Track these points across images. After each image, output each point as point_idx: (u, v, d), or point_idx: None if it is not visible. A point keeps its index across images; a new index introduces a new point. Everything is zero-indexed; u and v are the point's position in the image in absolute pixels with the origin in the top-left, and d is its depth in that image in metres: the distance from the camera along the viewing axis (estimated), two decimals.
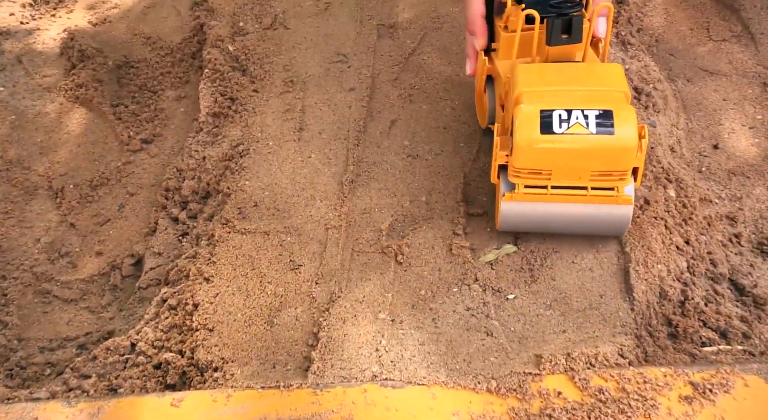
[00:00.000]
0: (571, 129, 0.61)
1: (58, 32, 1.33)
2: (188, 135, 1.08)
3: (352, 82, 1.06)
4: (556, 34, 0.68)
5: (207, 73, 1.14)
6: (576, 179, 0.65)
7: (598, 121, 0.61)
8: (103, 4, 1.43)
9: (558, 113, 0.62)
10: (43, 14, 1.42)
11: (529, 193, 0.67)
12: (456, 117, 0.97)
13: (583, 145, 0.61)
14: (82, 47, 1.24)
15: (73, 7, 1.43)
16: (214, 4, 1.28)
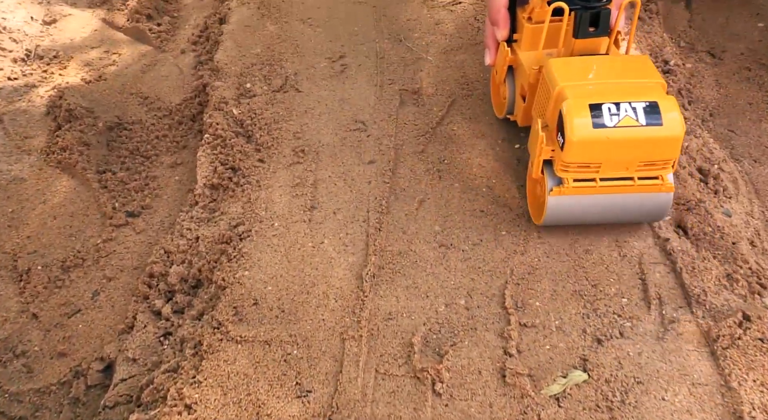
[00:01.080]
0: (622, 122, 0.61)
1: (47, 90, 1.21)
2: (181, 209, 0.93)
3: (372, 154, 0.92)
4: (584, 27, 0.68)
5: (207, 139, 1.00)
6: (623, 170, 0.65)
7: (646, 113, 0.61)
8: (100, 61, 1.31)
9: (607, 107, 0.61)
10: (34, 70, 1.30)
11: (577, 187, 0.66)
12: (495, 198, 0.82)
13: (635, 137, 0.61)
14: (70, 106, 1.11)
15: (67, 64, 1.31)
16: (219, 64, 1.15)
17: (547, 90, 0.66)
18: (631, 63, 0.68)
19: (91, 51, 1.35)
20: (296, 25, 1.25)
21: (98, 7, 1.51)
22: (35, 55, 1.36)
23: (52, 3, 1.51)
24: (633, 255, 0.73)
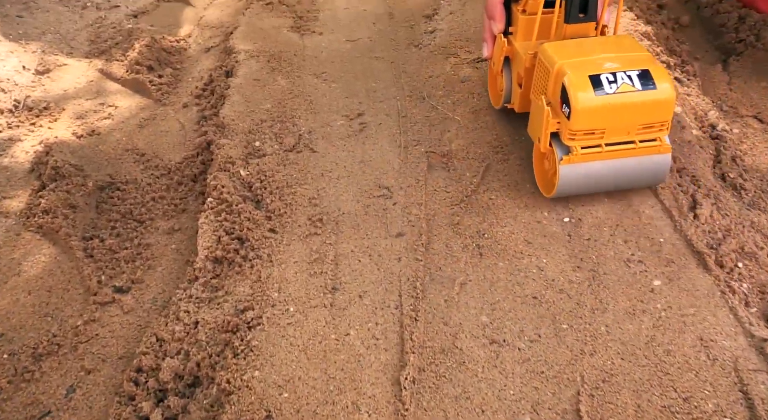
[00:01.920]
0: (620, 88, 0.66)
1: (33, 144, 1.10)
2: (178, 285, 0.80)
3: (400, 225, 0.81)
4: (575, 13, 0.75)
5: (210, 203, 0.88)
6: (625, 134, 0.70)
7: (641, 80, 0.67)
8: (94, 113, 1.21)
9: (605, 76, 0.67)
10: (21, 122, 1.19)
11: (585, 154, 0.70)
12: (548, 282, 0.70)
13: (633, 100, 0.67)
14: (57, 163, 1.00)
15: (58, 116, 1.21)
16: (225, 119, 1.06)
17: (546, 70, 0.72)
18: (618, 41, 0.74)
19: (85, 103, 1.26)
20: (309, 80, 1.17)
21: (96, 57, 1.43)
22: (24, 106, 1.26)
23: (47, 52, 1.42)
24: (725, 358, 0.61)
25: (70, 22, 1.58)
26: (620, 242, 0.74)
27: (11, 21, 1.51)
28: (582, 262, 0.71)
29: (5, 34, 1.45)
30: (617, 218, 0.77)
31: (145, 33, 1.44)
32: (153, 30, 1.51)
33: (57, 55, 1.43)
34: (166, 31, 1.50)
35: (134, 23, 1.58)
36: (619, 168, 0.73)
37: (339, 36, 1.32)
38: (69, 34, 1.53)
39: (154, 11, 1.64)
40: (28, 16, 1.55)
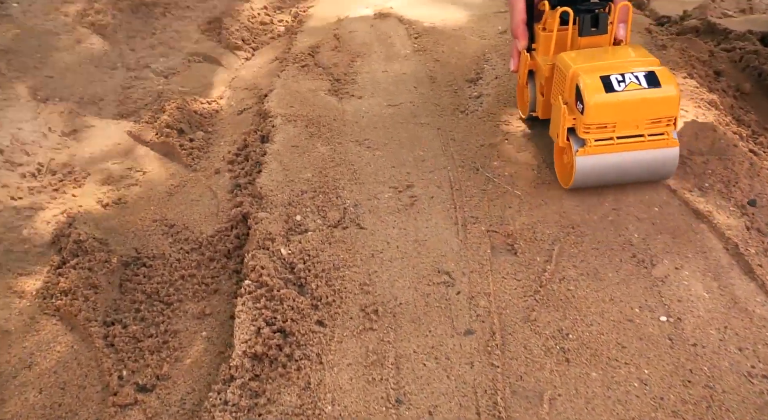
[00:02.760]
0: (628, 87, 0.76)
1: (55, 214, 1.02)
2: (211, 387, 0.70)
3: (467, 320, 0.71)
4: (587, 27, 0.85)
5: (248, 286, 0.79)
6: (634, 128, 0.78)
7: (647, 79, 0.76)
8: (121, 180, 1.15)
9: (614, 76, 0.76)
10: (44, 188, 1.12)
11: (599, 146, 0.78)
12: (657, 402, 0.59)
13: (640, 97, 0.76)
14: (80, 237, 0.92)
15: (83, 181, 1.14)
16: (262, 190, 0.98)
17: (563, 75, 0.82)
18: (628, 49, 0.84)
19: (111, 166, 1.19)
20: (352, 147, 1.10)
21: (124, 118, 1.38)
22: (48, 169, 1.20)
23: (74, 113, 1.38)
24: None
25: (99, 83, 1.54)
26: (734, 350, 0.63)
27: (37, 79, 1.47)
28: (693, 374, 0.60)
29: (32, 95, 1.41)
30: (723, 318, 0.67)
31: (176, 94, 1.40)
32: (184, 91, 1.47)
33: (85, 116, 1.39)
34: (197, 93, 1.45)
35: (164, 84, 1.55)
36: (630, 160, 0.80)
37: (380, 100, 1.26)
38: (97, 94, 1.49)
39: (184, 72, 1.61)
40: (57, 76, 1.51)
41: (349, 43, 1.55)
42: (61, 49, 0.78)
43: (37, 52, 0.80)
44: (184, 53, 1.70)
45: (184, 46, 1.74)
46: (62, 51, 0.78)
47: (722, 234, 0.80)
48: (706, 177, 0.90)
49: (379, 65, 1.43)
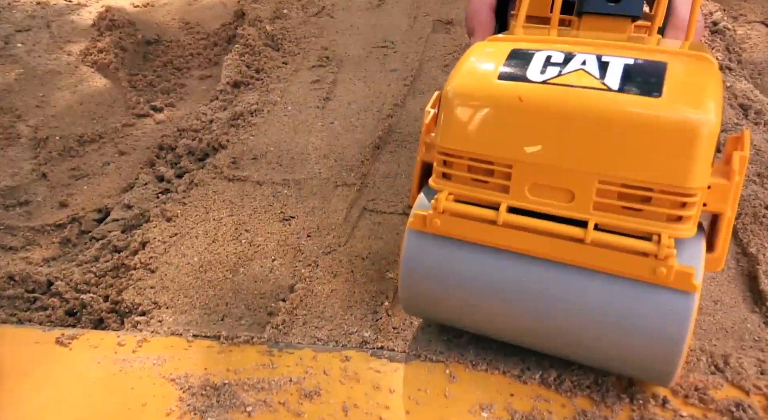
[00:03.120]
0: (563, 78, 0.30)
1: (98, 9, 1.27)
2: (201, 103, 0.95)
3: (396, 65, 0.93)
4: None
5: (237, 48, 1.03)
6: (563, 198, 0.30)
7: (628, 73, 0.30)
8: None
9: (545, 55, 0.32)
10: None
11: (460, 215, 0.32)
12: None
13: (586, 105, 0.29)
14: (114, 17, 1.17)
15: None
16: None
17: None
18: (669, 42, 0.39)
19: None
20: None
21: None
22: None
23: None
24: None
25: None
26: None
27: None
28: None
29: None
30: None
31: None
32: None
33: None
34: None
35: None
36: (540, 295, 0.32)
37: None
38: None
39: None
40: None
41: None
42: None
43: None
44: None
45: None
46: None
47: None
48: None
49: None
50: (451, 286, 0.32)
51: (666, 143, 0.28)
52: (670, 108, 0.28)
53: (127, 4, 1.30)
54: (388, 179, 0.65)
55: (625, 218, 0.29)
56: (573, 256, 0.30)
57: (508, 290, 0.31)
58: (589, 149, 0.29)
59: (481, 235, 0.31)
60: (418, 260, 0.33)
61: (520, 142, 0.30)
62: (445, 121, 0.31)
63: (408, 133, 0.75)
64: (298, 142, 0.73)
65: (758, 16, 1.18)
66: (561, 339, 0.31)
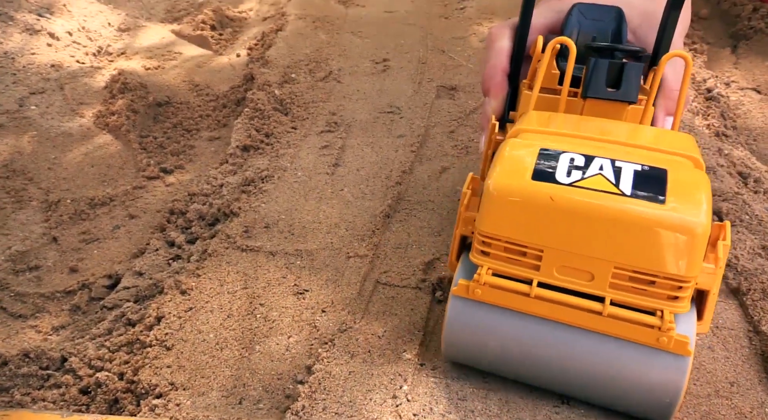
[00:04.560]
0: (585, 181, 0.37)
1: (110, 71, 1.31)
2: (211, 166, 0.97)
3: (402, 130, 0.95)
4: (598, 82, 0.45)
5: (247, 112, 1.05)
6: (585, 278, 0.37)
7: (638, 181, 0.36)
8: (161, 57, 1.43)
9: (569, 156, 0.38)
10: (101, 60, 1.42)
11: (498, 287, 0.39)
12: None
13: (604, 208, 0.36)
14: (126, 80, 1.20)
15: (132, 57, 1.43)
16: (269, 58, 1.24)
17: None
18: (660, 134, 0.44)
19: (156, 50, 1.47)
20: (346, 36, 1.34)
21: (170, 22, 1.66)
22: (105, 51, 1.49)
23: (130, 15, 1.67)
24: None
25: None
26: None
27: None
28: None
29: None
30: None
31: (213, 4, 1.67)
32: (221, 4, 1.73)
33: (137, 18, 1.67)
34: (231, 6, 1.72)
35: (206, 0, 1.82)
36: (566, 350, 0.39)
37: (379, 8, 1.50)
38: (149, 4, 1.78)
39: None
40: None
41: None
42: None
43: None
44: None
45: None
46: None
47: None
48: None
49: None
50: (488, 343, 0.42)
51: (668, 241, 0.35)
52: (672, 213, 0.35)
53: (139, 66, 1.34)
54: (399, 250, 0.66)
55: (634, 297, 0.38)
56: (592, 324, 0.38)
57: (538, 349, 0.40)
58: (607, 242, 0.37)
59: (515, 304, 0.40)
60: (460, 321, 0.42)
61: (550, 232, 0.37)
62: (486, 210, 0.39)
63: (417, 201, 0.76)
64: (309, 210, 0.74)
65: (749, 83, 1.23)
66: (581, 388, 0.41)
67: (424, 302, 0.56)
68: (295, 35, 1.35)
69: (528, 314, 0.40)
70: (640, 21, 0.54)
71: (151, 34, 1.58)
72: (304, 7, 1.51)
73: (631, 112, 0.47)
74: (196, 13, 1.68)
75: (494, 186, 0.38)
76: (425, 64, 1.19)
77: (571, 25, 0.51)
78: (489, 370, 0.45)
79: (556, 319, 0.39)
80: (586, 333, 0.39)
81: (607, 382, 0.39)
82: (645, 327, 0.37)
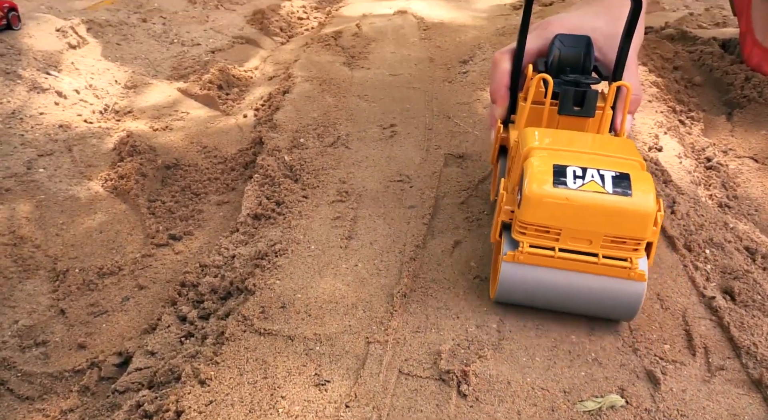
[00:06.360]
0: (585, 186, 0.58)
1: (118, 132, 1.32)
2: (222, 235, 0.96)
3: (413, 201, 0.96)
4: (568, 104, 0.70)
5: (257, 178, 1.06)
6: (586, 244, 0.60)
7: (615, 182, 0.58)
8: (169, 116, 1.44)
9: (572, 169, 0.59)
10: (109, 119, 1.43)
11: (534, 254, 0.61)
12: None
13: (598, 203, 0.58)
14: (135, 142, 1.21)
15: (139, 117, 1.45)
16: (277, 122, 1.26)
17: (518, 154, 0.65)
18: (614, 141, 0.66)
19: (162, 109, 1.49)
20: (353, 99, 1.37)
21: (176, 80, 1.69)
22: (112, 109, 1.51)
23: (136, 73, 1.70)
24: (676, 309, 0.71)
25: (158, 53, 1.87)
26: None
27: (111, 47, 1.81)
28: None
29: (105, 56, 1.74)
30: None
31: (220, 64, 1.70)
32: (226, 63, 1.77)
33: (144, 76, 1.70)
34: (237, 64, 1.76)
35: (211, 57, 1.86)
36: (576, 284, 0.62)
37: (384, 71, 1.54)
38: (156, 61, 1.81)
39: (228, 50, 1.92)
40: (125, 45, 1.85)
41: (368, 32, 1.84)
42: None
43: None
44: (230, 36, 2.02)
45: (231, 31, 2.05)
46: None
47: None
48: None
49: (390, 48, 1.71)
50: (528, 287, 0.64)
51: (634, 219, 0.58)
52: (637, 202, 0.57)
53: (147, 126, 1.36)
54: (418, 334, 0.65)
55: (614, 252, 0.60)
56: (591, 269, 0.61)
57: (559, 287, 0.63)
58: (600, 221, 0.58)
59: (544, 262, 0.62)
60: (510, 277, 0.64)
61: (565, 218, 0.59)
62: (524, 207, 0.59)
63: (432, 279, 0.76)
64: (324, 288, 0.74)
65: (747, 151, 1.25)
66: (585, 305, 0.65)
67: (449, 397, 0.55)
68: (303, 98, 1.37)
69: (552, 268, 0.62)
70: (604, 41, 0.75)
71: (157, 91, 1.60)
72: (310, 69, 1.54)
73: (590, 122, 0.71)
74: (201, 71, 1.71)
75: (529, 193, 0.58)
76: (431, 130, 1.21)
77: (553, 50, 0.74)
78: (528, 305, 0.67)
79: (570, 269, 0.62)
80: (587, 274, 0.62)
81: (600, 299, 0.63)
82: (621, 268, 0.60)
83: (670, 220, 0.89)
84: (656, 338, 0.66)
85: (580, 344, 0.64)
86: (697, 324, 0.69)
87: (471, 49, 1.66)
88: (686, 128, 1.29)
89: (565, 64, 0.73)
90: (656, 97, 1.33)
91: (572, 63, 0.73)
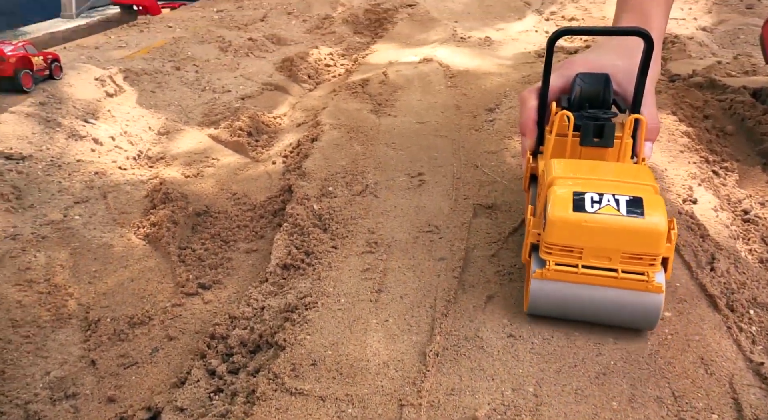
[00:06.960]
0: (602, 210, 0.65)
1: (151, 179, 1.35)
2: (251, 285, 0.97)
3: (443, 252, 0.95)
4: (588, 137, 0.77)
5: (286, 227, 1.07)
6: (606, 260, 0.67)
7: (628, 205, 0.65)
8: (200, 163, 1.47)
9: (590, 195, 0.66)
10: (142, 165, 1.47)
11: (560, 271, 0.68)
12: None
13: (613, 225, 0.64)
14: (168, 190, 1.23)
15: (171, 163, 1.48)
16: (306, 170, 1.27)
17: (543, 182, 0.73)
18: (632, 168, 0.73)
19: (194, 156, 1.53)
20: (381, 148, 1.38)
21: (207, 126, 1.73)
22: (145, 155, 1.54)
23: (169, 119, 1.75)
24: (722, 375, 0.68)
25: (191, 100, 1.92)
26: None
27: (146, 94, 1.87)
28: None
29: (140, 103, 1.79)
30: None
31: (250, 111, 1.75)
32: (255, 109, 1.82)
33: (176, 122, 1.75)
34: (266, 111, 1.80)
35: (241, 104, 1.91)
36: (598, 297, 0.68)
37: (411, 119, 1.56)
38: (188, 108, 1.87)
39: (258, 96, 1.97)
40: (159, 92, 1.91)
41: (394, 80, 1.88)
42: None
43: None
44: (260, 83, 2.07)
45: (260, 78, 2.11)
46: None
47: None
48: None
49: (416, 95, 1.74)
50: (555, 301, 0.71)
51: (648, 237, 0.64)
52: (649, 222, 0.64)
53: (178, 173, 1.38)
54: (452, 397, 0.64)
55: (632, 266, 0.66)
56: (611, 283, 0.67)
57: (583, 300, 0.69)
58: (617, 240, 0.65)
59: (569, 278, 0.68)
60: (539, 292, 0.71)
61: (586, 238, 0.66)
62: (549, 230, 0.67)
63: (464, 337, 0.75)
64: (355, 345, 0.73)
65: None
66: (607, 316, 0.70)
67: None
68: (331, 146, 1.39)
69: (577, 283, 0.68)
70: (623, 76, 0.81)
71: (189, 138, 1.64)
72: (338, 117, 1.57)
73: (610, 151, 0.78)
74: (232, 118, 1.75)
75: (552, 217, 0.66)
76: (459, 179, 1.21)
77: (575, 87, 0.81)
78: (556, 316, 0.74)
79: (593, 283, 0.68)
80: (608, 288, 0.68)
81: (621, 310, 0.69)
82: (639, 281, 0.66)
83: (710, 277, 0.87)
84: (703, 407, 0.64)
85: (621, 412, 0.61)
86: (746, 392, 0.66)
87: (497, 96, 1.68)
88: (720, 179, 1.27)
89: (585, 100, 0.80)
90: (688, 147, 1.31)
91: (592, 98, 0.80)
